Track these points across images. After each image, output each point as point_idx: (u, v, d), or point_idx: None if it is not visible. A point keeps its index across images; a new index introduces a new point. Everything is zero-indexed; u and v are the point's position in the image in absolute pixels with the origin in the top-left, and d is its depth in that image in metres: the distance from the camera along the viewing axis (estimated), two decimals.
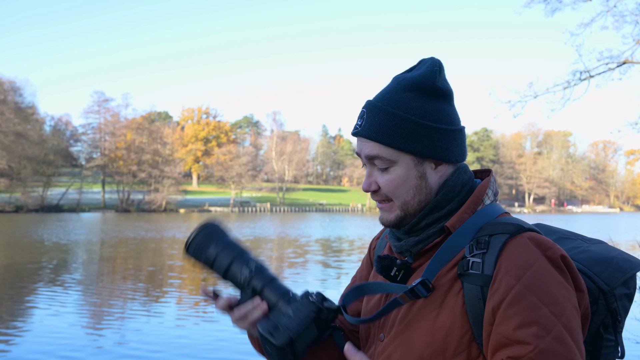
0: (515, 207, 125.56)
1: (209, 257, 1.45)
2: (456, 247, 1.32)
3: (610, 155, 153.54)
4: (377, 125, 1.36)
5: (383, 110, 1.36)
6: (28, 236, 31.58)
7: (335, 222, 53.90)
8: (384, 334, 1.39)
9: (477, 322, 1.24)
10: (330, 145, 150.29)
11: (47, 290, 13.53)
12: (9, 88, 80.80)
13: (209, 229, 1.48)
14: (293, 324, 1.34)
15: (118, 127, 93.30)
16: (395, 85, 1.39)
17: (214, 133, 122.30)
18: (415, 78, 1.38)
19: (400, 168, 1.36)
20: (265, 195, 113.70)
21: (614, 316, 1.37)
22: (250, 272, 1.43)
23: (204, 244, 1.46)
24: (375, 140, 1.36)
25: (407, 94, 1.37)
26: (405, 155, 1.36)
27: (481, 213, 1.36)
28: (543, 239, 1.28)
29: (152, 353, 7.96)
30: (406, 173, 1.37)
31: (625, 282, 1.38)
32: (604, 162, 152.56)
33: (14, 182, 77.75)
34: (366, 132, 1.37)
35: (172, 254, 22.95)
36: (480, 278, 1.25)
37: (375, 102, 1.39)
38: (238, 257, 1.44)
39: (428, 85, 1.37)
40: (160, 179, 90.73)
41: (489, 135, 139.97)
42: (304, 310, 1.36)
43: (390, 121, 1.35)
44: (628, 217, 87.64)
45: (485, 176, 1.47)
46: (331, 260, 21.07)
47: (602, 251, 1.45)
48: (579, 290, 1.27)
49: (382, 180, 1.38)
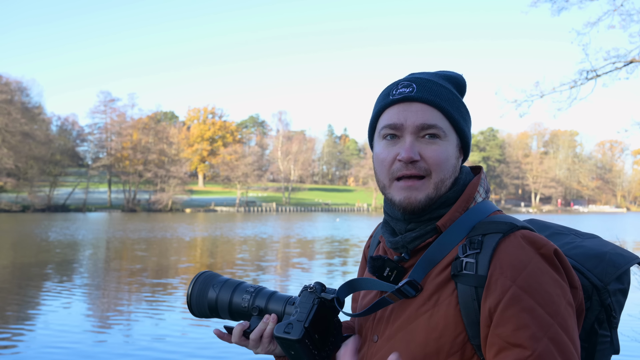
0: (521, 207, 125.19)
1: (211, 301, 1.51)
2: (447, 246, 1.31)
3: (617, 155, 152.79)
4: (436, 93, 1.34)
5: (438, 85, 1.35)
6: (35, 236, 31.69)
7: (345, 222, 53.83)
8: (378, 335, 1.37)
9: (472, 323, 1.23)
10: (336, 145, 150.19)
11: (53, 289, 13.56)
12: (15, 88, 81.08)
13: (202, 278, 1.54)
14: (302, 316, 1.37)
15: (124, 127, 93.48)
16: (433, 73, 1.40)
17: (220, 133, 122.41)
18: (452, 74, 1.40)
19: (449, 144, 1.35)
20: (271, 195, 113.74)
21: (608, 312, 1.35)
22: (251, 295, 1.48)
23: (203, 292, 1.52)
24: (436, 106, 1.34)
25: (448, 83, 1.38)
26: (454, 134, 1.36)
27: (473, 211, 1.35)
28: (536, 237, 1.26)
29: (157, 352, 7.97)
30: (452, 150, 1.36)
31: (619, 277, 1.37)
32: (610, 161, 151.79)
33: (21, 182, 78.00)
34: (427, 96, 1.34)
35: (178, 253, 23.01)
36: (474, 279, 1.23)
37: (424, 77, 1.38)
38: (236, 288, 1.51)
39: (462, 83, 1.40)
40: (167, 178, 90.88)
41: (495, 135, 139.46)
42: (307, 301, 1.40)
43: (449, 95, 1.35)
44: (635, 217, 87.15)
45: (476, 174, 1.45)
46: (339, 259, 21.06)
47: (595, 246, 1.43)
48: (572, 287, 1.26)
49: (429, 150, 1.33)
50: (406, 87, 1.36)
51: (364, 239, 31.22)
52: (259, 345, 1.46)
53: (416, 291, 1.29)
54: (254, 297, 1.48)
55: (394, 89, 1.38)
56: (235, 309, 1.50)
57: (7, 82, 78.88)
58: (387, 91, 1.41)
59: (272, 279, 15.82)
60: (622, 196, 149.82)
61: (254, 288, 1.50)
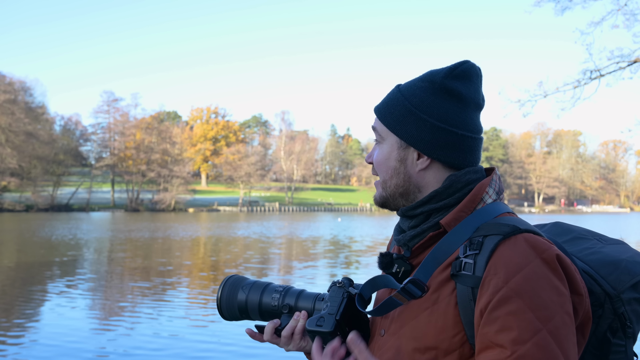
0: (524, 206, 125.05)
1: (241, 303, 1.54)
2: (451, 246, 1.32)
3: (621, 155, 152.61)
4: (383, 103, 1.44)
5: (394, 91, 1.44)
6: (38, 235, 31.77)
7: (347, 222, 53.84)
8: (385, 330, 1.40)
9: (469, 323, 1.24)
10: (338, 144, 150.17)
11: (57, 288, 13.60)
12: (19, 88, 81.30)
13: (230, 281, 1.58)
14: (333, 309, 1.40)
15: (127, 127, 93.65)
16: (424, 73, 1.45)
17: (223, 132, 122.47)
18: (432, 71, 1.42)
19: (387, 146, 1.42)
20: (273, 195, 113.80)
21: (622, 321, 1.32)
22: (280, 294, 1.52)
23: (232, 295, 1.56)
24: (375, 114, 1.46)
25: (421, 83, 1.41)
26: (392, 136, 1.41)
27: (480, 212, 1.34)
28: (539, 241, 1.24)
29: (161, 351, 7.98)
30: (389, 152, 1.41)
31: (635, 285, 1.34)
32: (614, 161, 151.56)
33: (25, 182, 78.21)
34: (375, 106, 1.47)
35: (181, 253, 23.05)
36: (471, 279, 1.24)
37: (399, 84, 1.46)
38: (265, 288, 1.55)
39: (436, 80, 1.39)
40: (169, 178, 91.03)
41: (498, 134, 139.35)
42: (337, 295, 1.43)
43: (391, 101, 1.42)
44: (638, 217, 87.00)
45: (490, 174, 1.45)
46: (346, 259, 21.06)
47: (614, 253, 1.40)
48: (576, 294, 1.23)
49: (375, 154, 1.45)
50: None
51: (364, 239, 31.27)
52: (290, 342, 1.49)
53: (422, 291, 1.30)
54: (283, 296, 1.52)
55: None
56: (266, 309, 1.53)
57: (11, 82, 79.12)
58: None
59: (275, 280, 15.82)
60: (625, 196, 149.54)
61: (283, 287, 1.54)
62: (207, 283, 14.86)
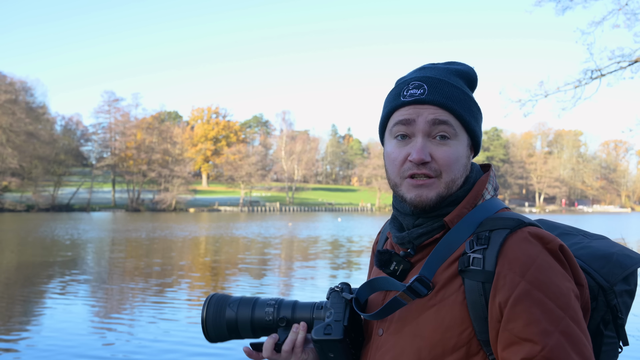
0: (525, 206, 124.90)
1: (230, 321, 1.45)
2: (455, 242, 1.31)
3: (622, 155, 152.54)
4: (447, 95, 1.34)
5: (449, 85, 1.36)
6: (39, 235, 31.76)
7: (347, 222, 53.80)
8: (383, 329, 1.38)
9: (479, 319, 1.24)
10: (339, 144, 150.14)
11: (57, 288, 13.60)
12: (20, 88, 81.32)
13: (214, 300, 1.47)
14: (339, 315, 1.36)
15: (128, 127, 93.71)
16: (444, 69, 1.40)
17: (224, 132, 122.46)
18: (463, 69, 1.40)
19: (460, 144, 1.36)
20: (274, 195, 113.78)
21: (614, 313, 1.35)
22: (274, 307, 1.44)
23: (219, 313, 1.45)
24: (447, 109, 1.34)
25: (459, 80, 1.38)
26: (464, 134, 1.37)
27: (481, 208, 1.35)
28: (544, 233, 1.27)
29: (161, 351, 7.97)
30: (463, 150, 1.37)
31: (626, 278, 1.37)
32: (615, 161, 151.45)
33: (25, 182, 78.26)
34: (438, 99, 1.34)
35: (181, 253, 23.04)
36: (481, 274, 1.24)
37: (435, 76, 1.38)
38: (255, 303, 1.46)
39: (473, 78, 1.40)
40: (170, 178, 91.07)
41: (499, 134, 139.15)
42: (339, 301, 1.39)
43: (460, 95, 1.36)
44: (639, 217, 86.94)
45: (486, 171, 1.46)
46: (346, 259, 21.04)
47: (603, 247, 1.42)
48: (578, 284, 1.26)
49: (440, 152, 1.34)
50: (417, 89, 1.36)
51: (365, 239, 31.24)
52: (292, 357, 1.44)
53: (428, 289, 1.29)
54: (277, 309, 1.44)
55: (405, 89, 1.38)
56: (259, 324, 1.44)
57: (12, 82, 79.13)
58: (397, 90, 1.40)
59: (275, 281, 15.81)
60: (626, 196, 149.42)
61: (275, 300, 1.46)
62: (207, 283, 14.86)
